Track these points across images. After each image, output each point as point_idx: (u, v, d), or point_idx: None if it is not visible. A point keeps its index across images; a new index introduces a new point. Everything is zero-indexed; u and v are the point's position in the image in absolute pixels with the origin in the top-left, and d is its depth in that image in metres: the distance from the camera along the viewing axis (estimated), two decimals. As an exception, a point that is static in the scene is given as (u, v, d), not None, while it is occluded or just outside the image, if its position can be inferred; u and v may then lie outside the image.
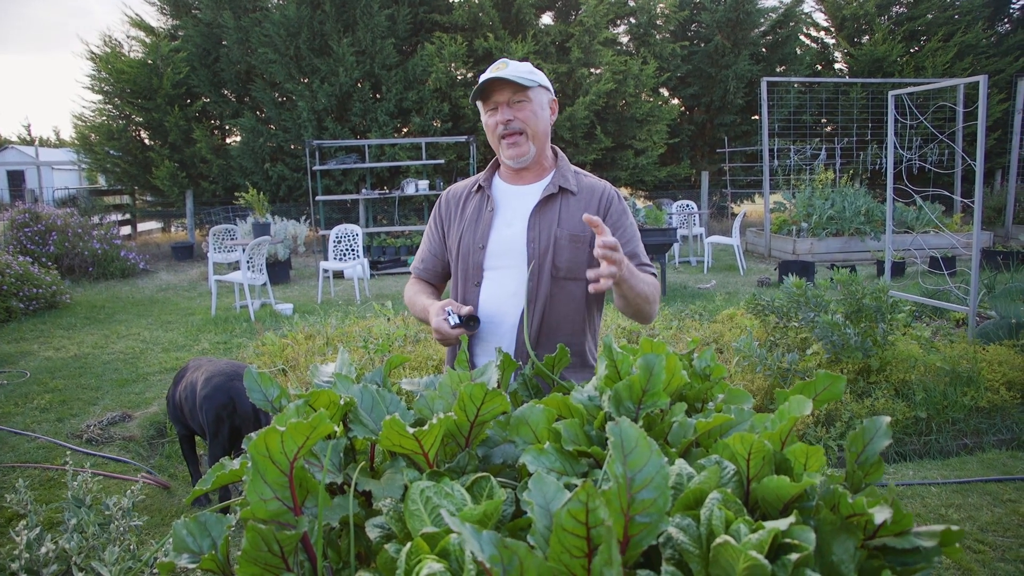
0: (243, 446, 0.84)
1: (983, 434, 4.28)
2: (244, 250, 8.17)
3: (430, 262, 2.16)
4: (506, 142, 1.96)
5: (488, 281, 1.99)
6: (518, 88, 1.93)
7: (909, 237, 10.70)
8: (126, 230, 15.89)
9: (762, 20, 17.03)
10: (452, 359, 2.09)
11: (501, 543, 0.64)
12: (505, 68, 1.92)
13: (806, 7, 17.96)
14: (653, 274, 2.00)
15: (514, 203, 2.03)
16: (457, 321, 1.84)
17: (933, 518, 3.30)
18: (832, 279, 4.84)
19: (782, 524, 0.71)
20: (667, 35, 16.71)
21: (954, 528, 0.74)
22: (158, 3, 15.60)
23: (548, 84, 2.02)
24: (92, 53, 14.65)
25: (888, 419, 0.90)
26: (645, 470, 0.73)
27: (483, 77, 1.94)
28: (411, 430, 0.89)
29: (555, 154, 2.10)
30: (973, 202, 5.61)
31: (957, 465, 3.91)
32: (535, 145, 1.98)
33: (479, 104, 2.02)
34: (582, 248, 1.95)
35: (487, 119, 1.99)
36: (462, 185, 2.16)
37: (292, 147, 14.81)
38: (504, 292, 1.97)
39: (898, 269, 9.69)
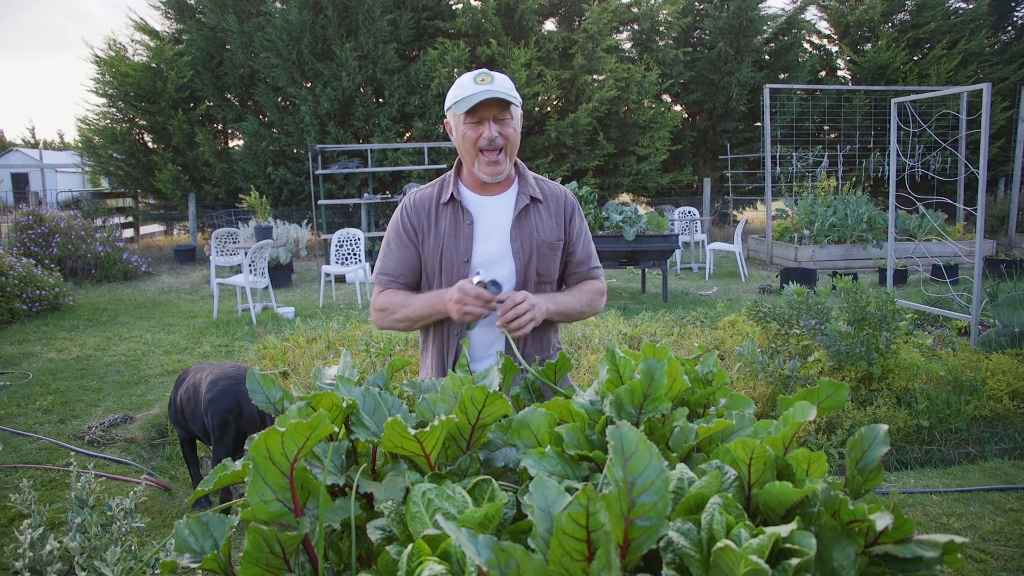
0: (245, 447, 0.85)
1: (985, 443, 4.27)
2: (246, 253, 8.18)
3: (408, 276, 2.10)
4: (486, 157, 1.98)
5: None
6: (505, 105, 1.95)
7: (911, 245, 10.69)
8: (129, 233, 15.92)
9: (765, 27, 17.05)
10: (451, 362, 2.09)
11: (498, 547, 0.64)
12: (492, 82, 1.92)
13: (809, 15, 17.94)
14: (596, 276, 2.20)
15: (489, 214, 2.07)
16: (482, 279, 1.88)
17: (935, 526, 3.29)
18: (836, 287, 4.84)
19: (783, 530, 0.71)
20: (670, 41, 16.74)
21: (958, 540, 0.74)
22: (162, 7, 15.67)
23: (519, 101, 2.04)
24: (97, 57, 14.71)
25: (885, 427, 0.90)
26: (645, 474, 0.73)
27: (469, 91, 1.92)
28: (413, 432, 0.90)
29: (515, 165, 2.14)
30: (976, 210, 5.61)
31: (959, 474, 3.90)
32: (510, 161, 2.05)
33: (456, 114, 1.98)
34: (555, 253, 2.10)
35: (467, 130, 1.96)
36: (425, 194, 2.12)
37: (295, 151, 14.84)
38: None
39: (900, 277, 9.68)
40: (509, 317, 1.84)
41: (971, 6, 17.67)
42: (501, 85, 1.93)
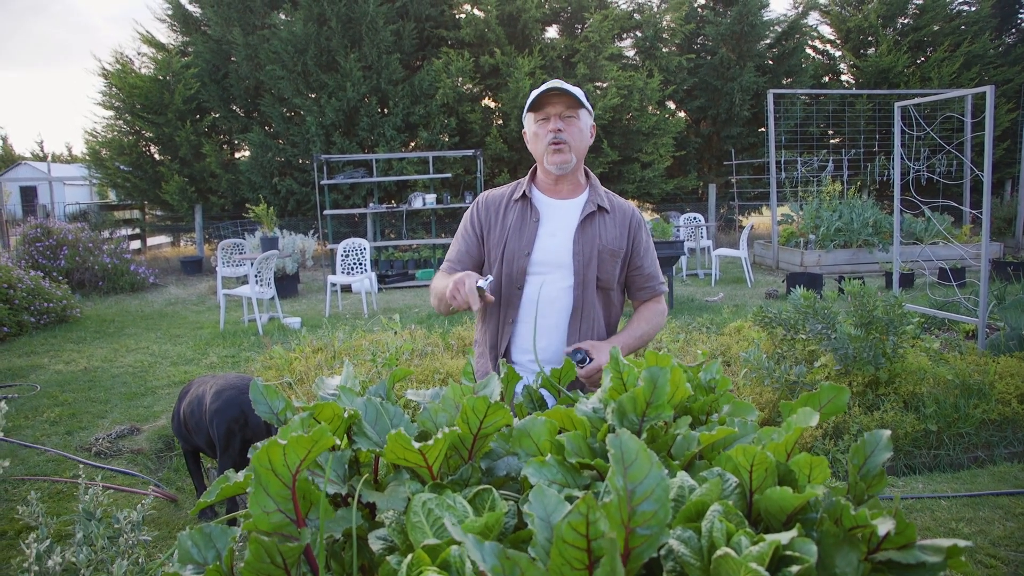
0: (248, 456, 0.85)
1: (994, 447, 4.24)
2: (252, 264, 8.21)
3: (467, 262, 2.24)
4: (552, 148, 2.10)
5: (530, 286, 2.14)
6: (572, 104, 2.09)
7: (917, 248, 10.66)
8: (136, 244, 16.00)
9: (767, 32, 17.07)
10: (502, 349, 2.17)
11: (503, 554, 0.64)
12: (558, 83, 2.10)
13: (811, 19, 17.96)
14: (662, 292, 2.31)
15: (556, 214, 2.19)
16: (482, 284, 1.94)
17: (943, 532, 3.27)
18: (843, 290, 4.82)
19: (783, 537, 0.71)
20: (673, 48, 16.77)
21: (961, 544, 0.73)
22: (168, 20, 15.80)
23: (592, 111, 2.20)
24: (104, 70, 14.82)
25: (888, 433, 0.90)
26: (646, 482, 0.73)
27: (540, 89, 2.08)
28: (416, 445, 0.90)
29: (587, 175, 2.28)
30: (982, 213, 5.58)
31: (968, 478, 3.87)
32: (576, 157, 2.15)
33: (528, 116, 2.15)
34: (616, 261, 2.18)
35: (536, 128, 2.13)
36: (498, 193, 2.27)
37: (300, 162, 14.91)
38: (546, 296, 2.12)
39: (906, 281, 9.64)
40: (593, 379, 2.01)
41: (974, 8, 17.64)
42: (567, 85, 2.07)
